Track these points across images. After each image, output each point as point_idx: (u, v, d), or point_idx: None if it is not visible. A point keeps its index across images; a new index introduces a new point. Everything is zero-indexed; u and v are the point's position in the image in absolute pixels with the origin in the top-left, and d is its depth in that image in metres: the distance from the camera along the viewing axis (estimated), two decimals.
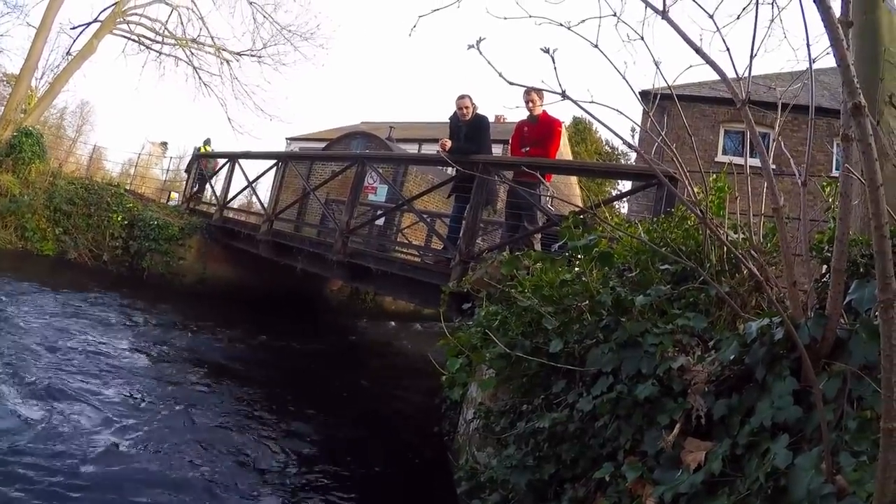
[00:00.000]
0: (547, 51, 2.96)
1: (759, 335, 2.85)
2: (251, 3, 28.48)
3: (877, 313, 2.20)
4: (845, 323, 2.75)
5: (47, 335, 9.39)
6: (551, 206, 10.76)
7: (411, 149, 30.86)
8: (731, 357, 2.98)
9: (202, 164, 23.32)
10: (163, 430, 6.64)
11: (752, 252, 3.88)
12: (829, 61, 2.91)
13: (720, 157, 20.33)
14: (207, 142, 24.75)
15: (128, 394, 7.54)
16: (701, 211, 3.78)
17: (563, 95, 3.08)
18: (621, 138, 3.69)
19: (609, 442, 3.38)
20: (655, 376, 3.23)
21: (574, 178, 36.26)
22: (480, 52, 2.95)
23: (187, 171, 26.37)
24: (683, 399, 3.06)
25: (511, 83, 3.07)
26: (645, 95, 12.06)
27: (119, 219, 17.99)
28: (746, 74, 3.22)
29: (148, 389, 7.89)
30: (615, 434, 3.34)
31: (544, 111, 9.83)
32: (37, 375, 7.41)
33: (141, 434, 6.39)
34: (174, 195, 26.05)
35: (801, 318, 2.74)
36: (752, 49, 3.18)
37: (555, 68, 3.01)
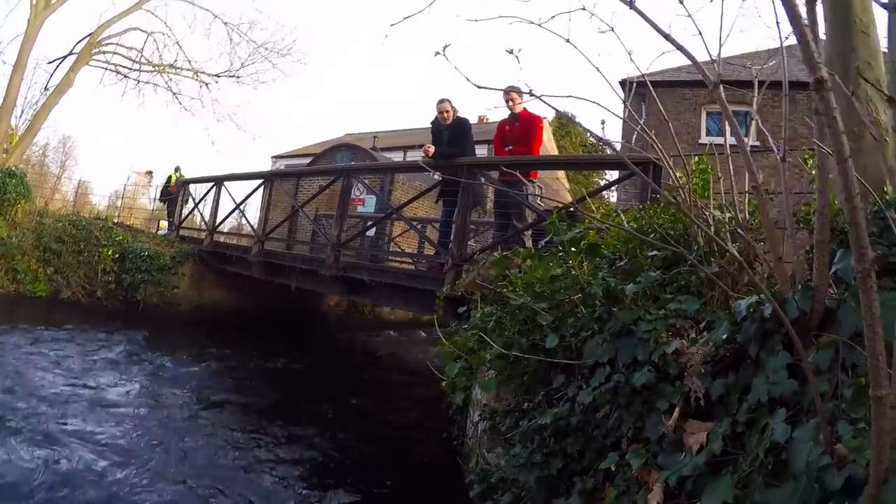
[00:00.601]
0: (511, 52, 2.97)
1: (750, 313, 2.87)
2: (226, 24, 28.50)
3: None
4: (834, 293, 2.76)
5: (43, 378, 9.38)
6: (540, 202, 10.75)
7: (397, 156, 30.83)
8: (724, 336, 3.00)
9: (173, 189, 23.43)
10: (166, 467, 6.62)
11: (739, 230, 3.89)
12: None
13: (704, 139, 20.35)
14: (177, 169, 24.84)
15: (126, 432, 7.49)
16: (675, 197, 3.80)
17: (531, 94, 3.09)
18: (590, 132, 3.71)
19: (612, 431, 3.39)
20: (651, 362, 3.24)
21: (561, 172, 36.30)
22: (447, 59, 2.97)
23: (161, 199, 26.36)
24: (681, 382, 3.07)
25: (479, 87, 3.09)
26: (625, 84, 12.09)
27: (109, 253, 17.95)
28: (718, 56, 3.23)
29: (147, 426, 7.84)
30: (617, 423, 3.35)
31: (525, 109, 9.87)
32: (35, 419, 7.39)
33: (142, 474, 6.36)
34: (164, 224, 26.01)
35: (788, 292, 2.76)
36: (721, 30, 3.19)
37: (520, 69, 3.03)
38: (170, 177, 24.91)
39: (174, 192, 23.97)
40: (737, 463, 2.52)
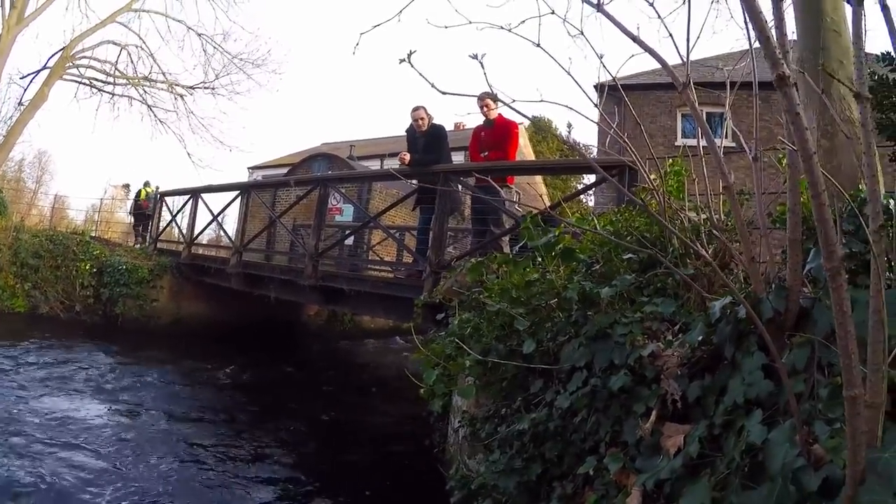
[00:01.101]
0: (475, 56, 2.96)
1: (724, 314, 2.86)
2: (200, 36, 28.43)
3: None
4: (809, 292, 2.76)
5: (16, 395, 9.27)
6: (518, 207, 10.76)
7: (374, 165, 30.80)
8: (699, 338, 2.99)
9: (143, 204, 23.41)
10: (143, 483, 6.55)
11: (715, 231, 3.89)
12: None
13: (680, 141, 20.46)
14: (147, 184, 24.86)
15: (99, 449, 7.40)
16: (643, 199, 3.80)
17: (497, 100, 3.08)
18: (559, 137, 3.70)
19: (590, 436, 3.37)
20: (627, 366, 3.23)
21: (539, 177, 36.41)
22: (412, 65, 2.94)
23: (132, 213, 26.31)
24: (657, 385, 3.06)
25: (444, 93, 3.06)
26: (600, 88, 12.17)
27: (87, 267, 17.86)
28: (688, 58, 3.22)
29: (121, 443, 7.74)
30: (595, 427, 3.33)
31: (500, 114, 9.87)
32: (6, 436, 7.31)
33: (115, 492, 6.29)
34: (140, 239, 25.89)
35: (763, 292, 2.75)
36: (689, 32, 3.18)
37: (485, 74, 3.01)
38: (139, 191, 24.95)
39: (145, 207, 24.09)
40: (714, 465, 2.50)
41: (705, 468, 2.54)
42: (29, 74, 25.29)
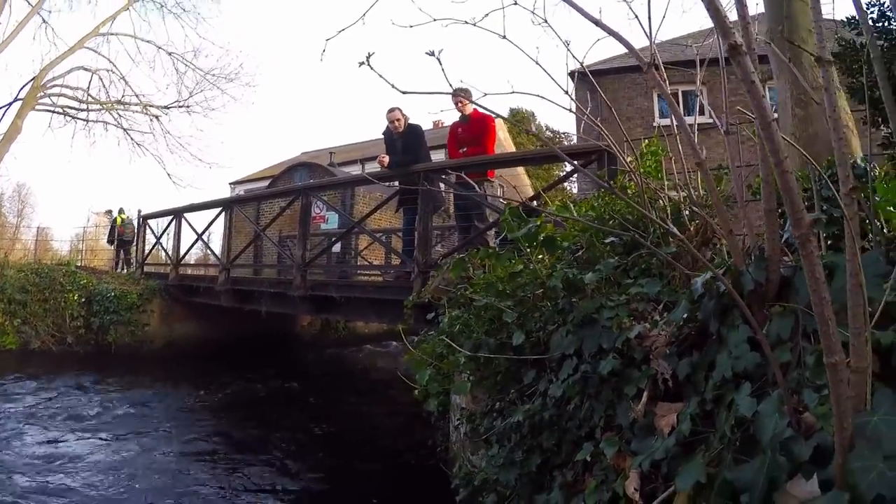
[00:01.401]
0: (432, 53, 2.95)
1: (707, 289, 2.85)
2: (171, 54, 28.43)
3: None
4: (789, 260, 2.76)
5: (12, 431, 9.21)
6: (501, 200, 10.76)
7: (355, 170, 30.78)
8: (684, 316, 2.99)
9: (119, 230, 23.48)
10: None
11: (695, 207, 3.89)
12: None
13: (658, 122, 20.49)
14: (121, 211, 24.91)
15: (97, 481, 7.35)
16: (611, 184, 3.80)
17: (466, 98, 3.08)
18: (527, 131, 3.68)
19: (585, 422, 3.37)
20: (616, 349, 3.22)
21: (521, 168, 36.40)
22: (371, 67, 2.94)
23: (109, 242, 26.36)
24: (647, 366, 3.06)
25: (404, 92, 3.05)
26: (578, 75, 12.14)
27: (76, 297, 17.78)
28: (651, 39, 3.22)
29: (119, 473, 7.67)
30: (589, 413, 3.33)
31: (475, 109, 9.85)
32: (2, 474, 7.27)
33: None
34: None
35: (743, 265, 2.75)
36: (650, 11, 3.18)
37: (443, 70, 3.00)
38: (115, 219, 24.93)
39: (122, 234, 24.26)
40: (708, 441, 2.50)
41: (699, 445, 2.53)
42: (1, 107, 25.20)
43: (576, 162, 4.19)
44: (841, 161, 1.90)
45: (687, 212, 4.01)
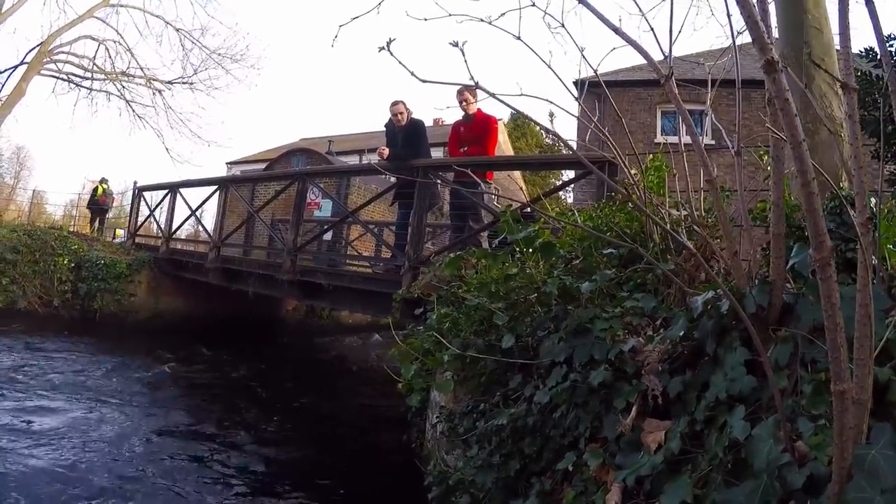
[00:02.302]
0: (456, 44, 2.92)
1: (706, 308, 2.83)
2: (178, 31, 28.32)
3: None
4: (792, 287, 2.74)
5: None
6: (497, 203, 10.75)
7: (352, 160, 30.75)
8: (681, 333, 2.96)
9: (100, 199, 23.70)
10: (111, 487, 6.46)
11: (695, 227, 3.87)
12: None
13: (659, 138, 20.49)
14: (104, 180, 25.13)
15: (69, 448, 7.24)
16: (627, 188, 3.78)
17: (481, 89, 3.05)
18: (543, 128, 3.66)
19: (569, 431, 3.34)
20: (608, 361, 3.20)
21: (518, 174, 36.45)
22: (391, 53, 2.91)
23: (88, 208, 26.67)
24: (638, 381, 3.04)
25: (424, 81, 3.03)
26: (579, 84, 12.11)
27: (65, 262, 17.63)
28: (669, 51, 3.19)
29: (91, 441, 7.53)
30: (574, 423, 3.30)
31: (479, 109, 9.85)
32: None
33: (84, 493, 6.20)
34: (119, 232, 25.84)
35: (745, 287, 2.72)
36: (671, 24, 3.15)
37: (465, 61, 2.98)
38: (96, 188, 25.35)
39: (101, 203, 24.90)
40: (696, 462, 2.48)
41: (686, 464, 2.51)
42: (6, 70, 25.13)
43: (590, 168, 4.14)
44: (859, 190, 1.88)
45: (685, 231, 3.98)
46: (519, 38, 3.31)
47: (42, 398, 9.14)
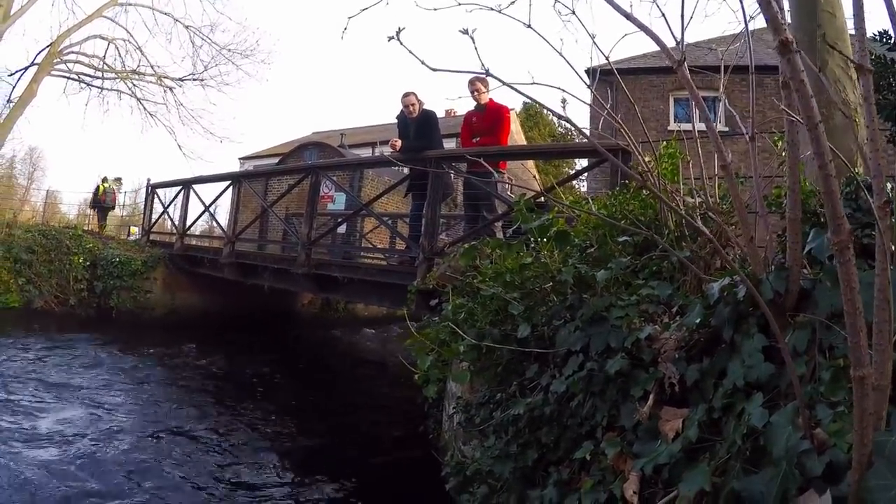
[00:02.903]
0: (466, 32, 2.91)
1: (723, 295, 2.81)
2: (188, 27, 28.44)
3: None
4: (809, 273, 2.71)
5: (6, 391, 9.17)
6: (510, 192, 10.72)
7: (365, 153, 30.73)
8: (697, 321, 2.94)
9: (101, 198, 24.12)
10: (131, 480, 6.48)
11: (710, 213, 3.85)
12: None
13: (672, 126, 20.39)
14: (105, 179, 25.90)
15: (91, 442, 7.31)
16: (642, 175, 3.75)
17: (493, 77, 3.03)
18: (555, 113, 3.64)
19: (586, 420, 3.33)
20: (624, 349, 3.18)
21: (531, 163, 36.35)
22: (401, 43, 2.90)
23: (91, 207, 27.31)
24: (655, 369, 3.02)
25: (434, 69, 3.01)
26: (590, 73, 12.09)
27: (81, 261, 17.79)
28: (681, 36, 3.16)
29: (112, 436, 7.60)
30: (591, 412, 3.29)
31: (491, 99, 9.84)
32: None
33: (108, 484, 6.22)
34: (134, 230, 26.00)
35: (762, 273, 2.70)
36: (683, 8, 3.12)
37: (475, 48, 2.96)
38: (98, 187, 25.84)
39: (102, 202, 25.56)
40: (714, 449, 2.46)
41: (704, 453, 2.50)
42: (17, 71, 25.38)
43: (606, 156, 4.11)
44: (876, 173, 1.84)
45: (699, 218, 3.96)
46: (529, 26, 3.28)
47: (59, 395, 9.19)
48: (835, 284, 2.40)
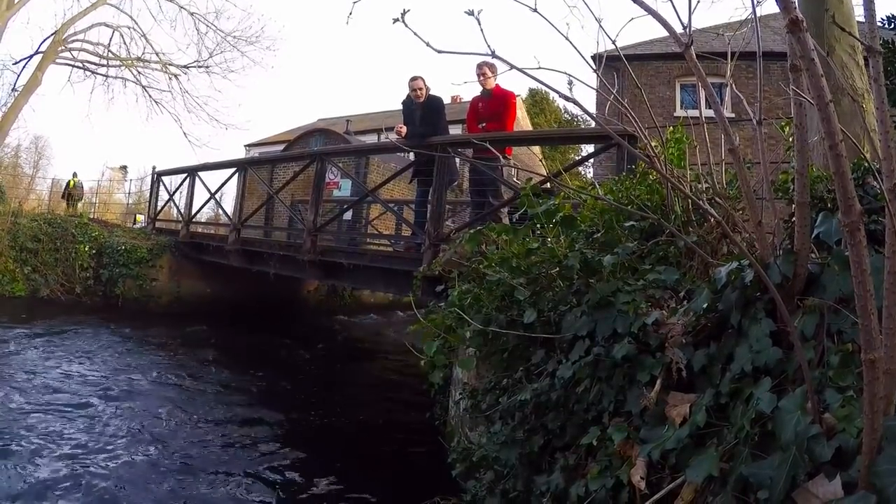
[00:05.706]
0: (471, 13, 2.89)
1: (730, 280, 2.79)
2: (192, 14, 28.32)
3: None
4: (816, 257, 2.69)
5: (13, 379, 9.19)
6: (516, 178, 10.70)
7: (371, 139, 30.63)
8: (704, 305, 2.93)
9: (72, 191, 25.72)
10: (140, 467, 6.50)
11: (717, 198, 3.83)
12: (772, 6, 2.86)
13: (679, 112, 20.33)
14: (74, 175, 27.68)
15: (97, 427, 7.33)
16: (649, 156, 3.74)
17: (502, 60, 3.01)
18: (562, 95, 3.61)
19: (593, 406, 3.31)
20: (631, 334, 3.16)
21: (537, 149, 36.20)
22: (406, 25, 2.88)
23: (62, 197, 28.62)
24: (662, 354, 3.00)
25: (439, 51, 3.00)
26: (597, 59, 12.05)
27: (86, 249, 17.84)
28: (688, 19, 3.13)
29: (117, 424, 7.57)
30: (598, 397, 3.27)
31: (497, 85, 9.80)
32: (13, 422, 7.25)
33: (117, 474, 6.23)
34: (140, 218, 26.07)
35: (769, 258, 2.68)
36: None
37: (482, 30, 2.94)
38: (69, 182, 27.48)
39: (73, 195, 27.39)
40: (721, 435, 2.45)
41: (712, 438, 2.49)
42: (22, 60, 25.37)
43: (596, 146, 4.10)
44: (886, 155, 1.82)
45: (705, 203, 3.94)
46: (535, 10, 3.26)
47: (66, 382, 9.21)
48: (843, 269, 2.38)
